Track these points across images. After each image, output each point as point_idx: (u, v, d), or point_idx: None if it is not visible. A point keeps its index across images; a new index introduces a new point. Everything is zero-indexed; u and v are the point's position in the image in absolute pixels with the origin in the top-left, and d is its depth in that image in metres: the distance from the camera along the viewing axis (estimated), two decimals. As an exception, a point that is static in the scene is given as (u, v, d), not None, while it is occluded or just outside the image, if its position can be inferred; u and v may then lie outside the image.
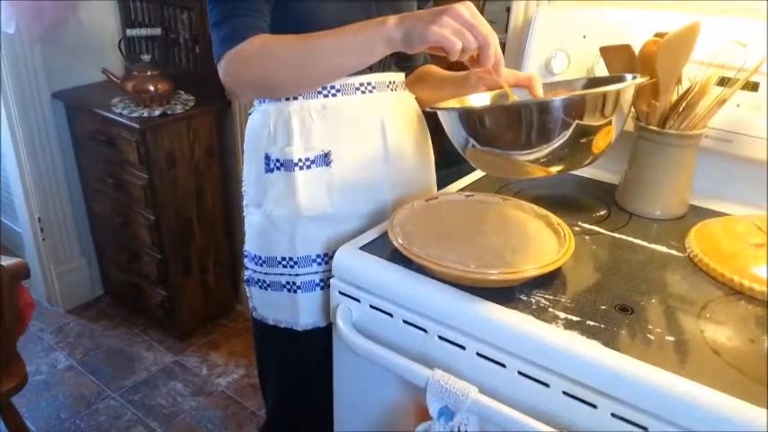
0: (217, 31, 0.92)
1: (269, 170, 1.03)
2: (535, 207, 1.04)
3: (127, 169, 2.07)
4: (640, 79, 0.92)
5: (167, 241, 2.12)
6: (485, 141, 0.89)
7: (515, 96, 0.96)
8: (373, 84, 1.04)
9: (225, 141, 2.22)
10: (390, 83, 1.07)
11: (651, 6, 1.20)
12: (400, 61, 1.11)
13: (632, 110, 1.10)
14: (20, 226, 2.40)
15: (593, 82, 1.02)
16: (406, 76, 1.15)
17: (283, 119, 1.02)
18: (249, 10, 0.91)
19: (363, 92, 1.03)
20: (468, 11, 0.81)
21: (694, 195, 1.14)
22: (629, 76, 0.96)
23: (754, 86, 1.10)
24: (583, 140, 0.85)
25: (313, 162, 1.02)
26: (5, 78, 2.10)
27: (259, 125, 1.05)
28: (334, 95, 1.02)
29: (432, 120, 1.06)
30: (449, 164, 1.38)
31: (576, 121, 0.82)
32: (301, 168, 1.01)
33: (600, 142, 0.87)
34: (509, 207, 1.05)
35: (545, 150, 0.84)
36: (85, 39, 2.22)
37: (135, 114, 1.98)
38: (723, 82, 1.08)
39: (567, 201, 1.18)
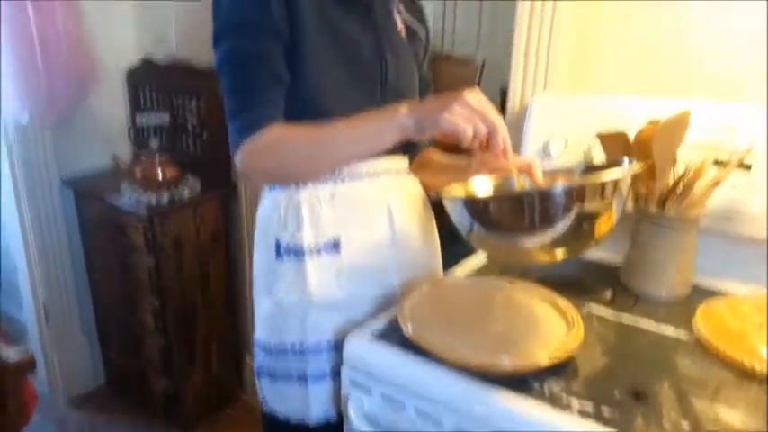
0: (233, 122, 0.97)
1: (279, 257, 1.05)
2: (542, 290, 1.05)
3: (133, 254, 2.09)
4: (637, 166, 0.95)
5: (172, 327, 2.11)
6: (489, 229, 0.91)
7: (522, 180, 0.99)
8: (380, 170, 1.08)
9: (230, 226, 2.25)
10: (395, 168, 1.11)
11: (642, 94, 1.26)
12: (405, 147, 1.15)
13: (631, 192, 1.13)
14: (24, 312, 2.39)
15: (591, 168, 1.06)
16: (410, 162, 1.19)
17: (293, 206, 1.04)
18: (264, 101, 0.95)
19: (370, 178, 1.07)
20: (477, 98, 0.85)
21: (697, 274, 1.15)
22: (625, 162, 1.00)
23: (747, 167, 1.14)
24: (585, 226, 0.87)
25: (322, 249, 1.04)
26: (16, 165, 2.15)
27: (269, 212, 1.08)
28: (342, 182, 1.05)
29: (437, 201, 1.09)
30: (456, 238, 1.40)
31: (578, 208, 0.84)
32: (311, 255, 1.03)
33: (602, 227, 0.89)
34: (516, 290, 1.07)
35: (549, 236, 0.86)
36: (95, 125, 2.29)
37: (143, 200, 2.02)
38: (717, 163, 1.11)
39: (572, 282, 1.19)
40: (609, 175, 0.88)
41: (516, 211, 0.87)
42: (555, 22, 1.36)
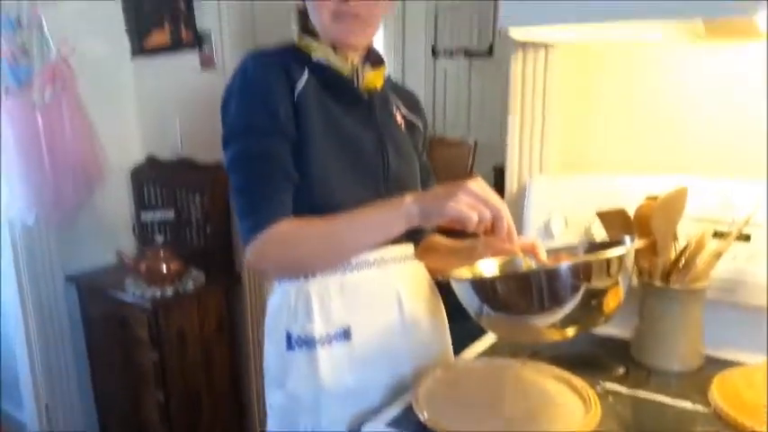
0: (244, 220, 0.99)
1: (291, 348, 1.05)
2: (555, 369, 1.05)
3: (138, 348, 2.08)
4: (639, 241, 0.97)
5: (176, 420, 2.07)
6: (498, 309, 0.92)
7: (528, 261, 1.01)
8: (387, 257, 1.10)
9: (235, 316, 2.25)
10: (403, 256, 1.13)
11: (639, 171, 1.30)
12: (410, 233, 1.17)
13: (635, 267, 1.15)
14: (24, 412, 2.34)
15: (594, 245, 1.08)
16: (415, 247, 1.21)
17: (303, 297, 1.05)
18: (273, 198, 0.98)
19: (378, 266, 1.08)
20: (480, 186, 0.88)
21: (708, 345, 1.15)
22: (626, 240, 1.02)
23: (746, 237, 1.16)
24: (594, 302, 0.88)
25: (333, 338, 1.04)
26: (21, 262, 2.17)
27: (279, 304, 1.09)
28: (350, 271, 1.06)
29: (444, 283, 1.10)
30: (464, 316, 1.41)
31: (585, 285, 0.86)
32: (323, 345, 1.03)
33: (610, 303, 0.90)
34: (529, 371, 1.06)
35: (559, 314, 0.87)
36: (100, 223, 2.33)
37: (148, 294, 2.03)
38: (717, 235, 1.14)
39: (584, 360, 1.19)
40: (613, 252, 0.90)
41: (524, 291, 0.88)
42: (547, 104, 1.42)
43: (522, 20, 1.06)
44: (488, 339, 1.29)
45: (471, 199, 0.88)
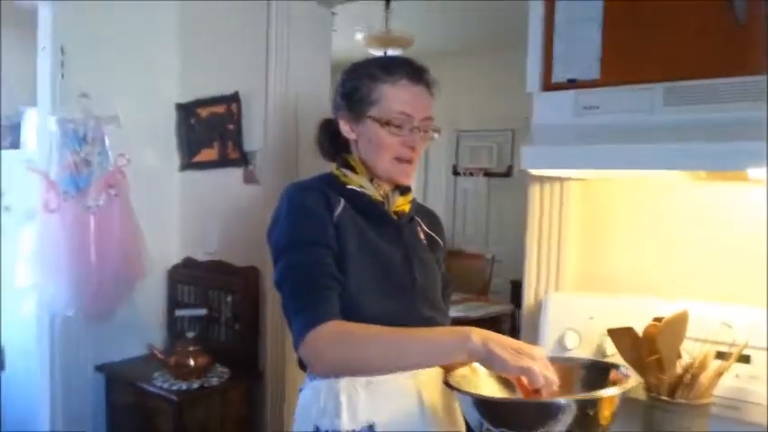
0: (297, 319, 1.10)
1: (319, 443, 1.14)
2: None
3: (160, 442, 2.13)
4: (632, 381, 1.04)
5: None
6: (496, 423, 0.98)
7: None
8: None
9: (256, 412, 2.31)
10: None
11: (647, 294, 1.42)
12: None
13: (642, 381, 1.24)
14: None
15: (596, 363, 1.18)
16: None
17: (333, 394, 1.15)
18: (325, 298, 1.11)
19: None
20: (542, 354, 1.00)
21: (715, 464, 1.22)
22: (622, 369, 1.09)
23: (747, 359, 1.25)
24: (591, 413, 0.95)
25: (360, 433, 1.13)
26: (55, 351, 2.28)
27: (309, 401, 1.19)
28: (377, 372, 1.16)
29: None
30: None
31: (576, 417, 0.93)
32: (349, 440, 1.12)
33: (605, 412, 0.97)
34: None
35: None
36: (135, 316, 2.44)
37: (174, 387, 2.11)
38: (720, 356, 1.23)
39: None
40: (605, 392, 0.99)
41: (521, 414, 0.97)
42: (562, 229, 1.57)
43: (541, 164, 1.23)
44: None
45: (542, 363, 0.98)
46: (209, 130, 2.49)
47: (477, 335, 1.02)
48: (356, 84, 1.24)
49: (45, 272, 2.19)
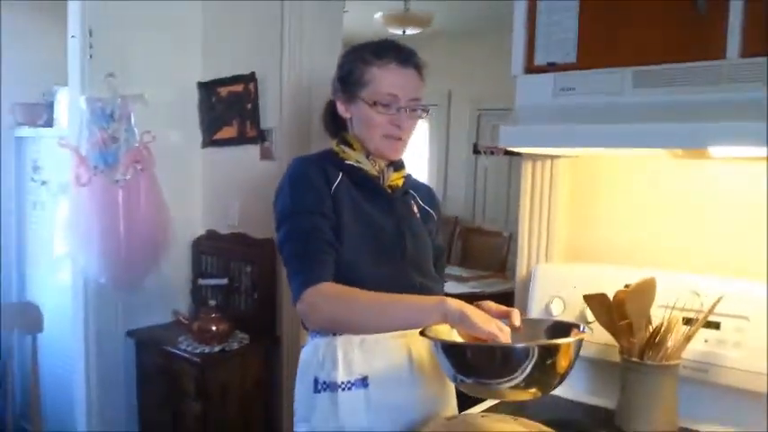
0: (295, 279, 1.23)
1: (317, 391, 1.27)
2: (542, 426, 1.23)
3: (184, 401, 2.30)
4: (585, 334, 1.14)
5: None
6: (467, 372, 1.11)
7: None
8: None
9: (272, 374, 2.47)
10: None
11: (622, 264, 1.51)
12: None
13: (617, 345, 1.34)
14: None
15: (559, 323, 1.28)
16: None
17: (331, 349, 1.28)
18: (320, 261, 1.23)
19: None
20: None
21: (687, 418, 1.31)
22: (582, 327, 1.18)
23: (717, 326, 1.35)
24: (544, 373, 1.06)
25: (353, 384, 1.26)
26: (90, 318, 2.46)
27: (310, 355, 1.32)
28: (372, 331, 1.29)
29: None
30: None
31: (535, 362, 1.03)
32: (344, 390, 1.25)
33: (562, 362, 1.08)
34: (519, 426, 1.25)
35: (515, 381, 1.05)
36: (162, 285, 2.61)
37: (197, 351, 2.28)
38: (689, 322, 1.33)
39: (573, 424, 1.36)
40: (557, 341, 1.09)
41: (487, 361, 1.08)
42: (552, 204, 1.66)
43: (518, 143, 1.33)
44: (490, 401, 1.47)
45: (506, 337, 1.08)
46: (228, 109, 2.62)
47: (453, 301, 1.13)
48: (350, 67, 1.35)
49: (78, 242, 2.36)
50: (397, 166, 1.42)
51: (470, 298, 1.47)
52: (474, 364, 1.09)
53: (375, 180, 1.37)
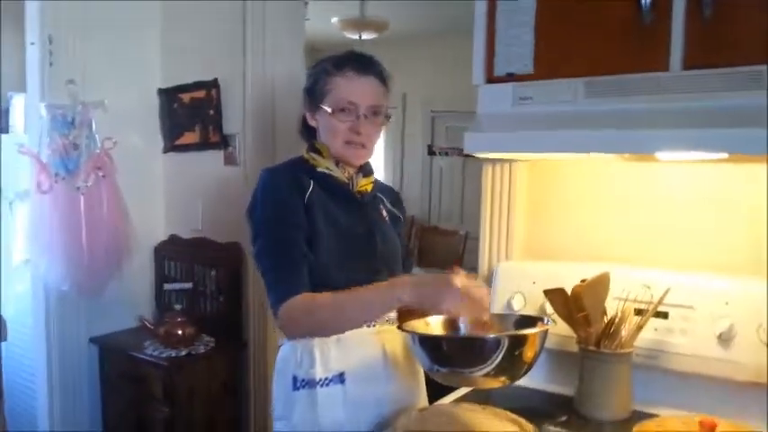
0: (273, 293, 1.29)
1: (296, 388, 1.33)
2: (509, 413, 1.31)
3: (151, 403, 2.32)
4: (547, 327, 1.24)
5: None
6: (442, 362, 1.19)
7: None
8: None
9: (239, 378, 2.49)
10: (387, 319, 1.42)
11: (578, 261, 1.61)
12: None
13: (575, 336, 1.44)
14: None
15: (525, 319, 1.36)
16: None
17: (308, 349, 1.33)
18: (294, 275, 1.29)
19: (368, 326, 1.37)
20: (463, 282, 1.15)
21: (637, 402, 1.42)
22: (545, 320, 1.29)
23: (665, 315, 1.46)
24: (513, 361, 1.15)
25: (331, 380, 1.31)
26: (51, 324, 2.44)
27: (288, 355, 1.37)
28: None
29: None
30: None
31: (505, 351, 1.12)
32: (322, 386, 1.31)
33: (529, 352, 1.17)
34: (487, 414, 1.33)
35: (486, 369, 1.14)
36: (124, 291, 2.60)
37: (164, 354, 2.29)
38: (640, 313, 1.43)
39: (535, 409, 1.44)
40: (525, 331, 1.19)
41: (460, 349, 1.18)
42: (511, 206, 1.75)
43: (481, 148, 1.42)
44: (459, 392, 1.55)
45: (459, 298, 1.14)
46: (190, 115, 2.63)
47: (401, 284, 1.18)
48: (315, 78, 1.42)
49: (39, 249, 2.35)
50: (366, 171, 1.48)
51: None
52: (449, 355, 1.17)
53: (345, 186, 1.43)
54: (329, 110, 1.39)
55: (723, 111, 1.16)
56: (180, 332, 2.35)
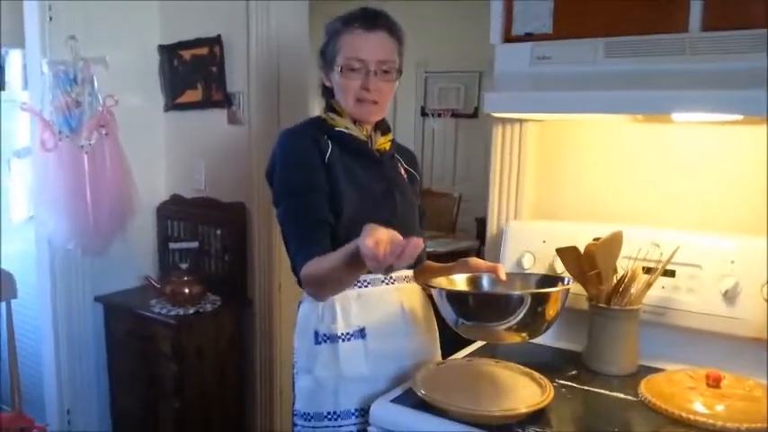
0: (296, 258, 1.32)
1: (318, 343, 1.36)
2: (521, 367, 1.36)
3: (159, 361, 2.35)
4: (570, 285, 1.30)
5: (188, 428, 2.33)
6: (467, 316, 1.23)
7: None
8: (393, 277, 1.42)
9: (245, 336, 2.53)
10: (405, 277, 1.45)
11: (586, 221, 1.65)
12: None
13: (585, 293, 1.48)
14: (47, 416, 2.58)
15: (546, 278, 1.41)
16: (414, 271, 1.52)
17: (329, 304, 1.37)
18: (314, 241, 1.31)
19: (387, 283, 1.41)
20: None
21: (644, 357, 1.47)
22: (566, 280, 1.34)
23: (672, 273, 1.50)
24: (536, 317, 1.20)
25: (352, 335, 1.35)
26: (57, 283, 2.45)
27: (309, 310, 1.40)
28: (366, 286, 1.38)
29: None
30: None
31: (529, 308, 1.17)
32: (343, 341, 1.34)
33: (551, 311, 1.22)
34: (500, 367, 1.38)
35: (513, 321, 1.18)
36: (128, 251, 2.60)
37: (172, 313, 2.32)
38: (649, 271, 1.47)
39: (546, 364, 1.49)
40: (548, 289, 1.25)
41: (486, 304, 1.22)
42: (521, 165, 1.77)
43: (500, 108, 1.43)
44: (472, 347, 1.60)
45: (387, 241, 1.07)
46: (192, 72, 2.60)
47: (362, 243, 1.06)
48: (327, 40, 1.42)
49: (45, 208, 2.34)
50: (384, 129, 1.49)
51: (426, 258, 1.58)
52: (474, 310, 1.21)
53: (364, 145, 1.44)
54: (340, 68, 1.38)
55: (742, 72, 1.19)
56: (187, 291, 2.37)
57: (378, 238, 1.04)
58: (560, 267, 1.56)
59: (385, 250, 1.03)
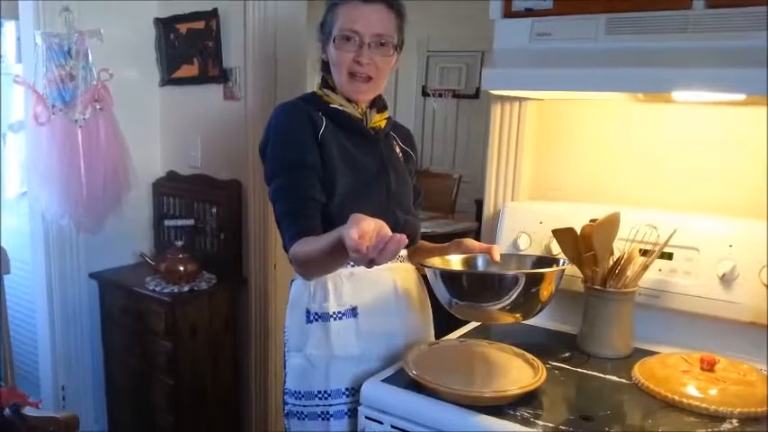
0: (285, 235, 1.30)
1: (309, 321, 1.35)
2: (514, 348, 1.35)
3: (152, 339, 2.34)
4: (566, 266, 1.28)
5: (182, 406, 2.33)
6: (461, 296, 1.21)
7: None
8: (387, 257, 1.40)
9: (240, 314, 2.52)
10: (399, 256, 1.43)
11: (583, 202, 1.63)
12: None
13: (581, 275, 1.46)
14: (42, 393, 2.58)
15: (541, 259, 1.40)
16: (408, 251, 1.50)
17: (321, 283, 1.35)
18: (304, 218, 1.29)
19: (379, 263, 1.38)
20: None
21: (638, 340, 1.46)
22: (561, 261, 1.33)
23: (669, 256, 1.48)
24: (530, 297, 1.18)
25: (344, 314, 1.34)
26: (52, 259, 2.44)
27: (301, 288, 1.38)
28: (358, 265, 1.36)
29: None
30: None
31: (522, 288, 1.15)
32: (335, 319, 1.33)
33: (545, 292, 1.20)
34: (493, 348, 1.36)
35: (507, 301, 1.16)
36: (123, 228, 2.58)
37: (166, 290, 2.30)
38: (645, 253, 1.45)
39: (539, 346, 1.48)
40: (544, 269, 1.23)
41: (480, 284, 1.21)
42: (519, 145, 1.75)
43: (499, 85, 1.40)
44: (466, 328, 1.59)
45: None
46: (188, 47, 2.56)
47: (346, 232, 1.02)
48: (325, 13, 1.39)
49: (38, 183, 2.31)
50: (380, 107, 1.46)
51: (423, 238, 1.57)
52: (468, 289, 1.19)
53: (358, 122, 1.41)
54: (333, 40, 1.35)
55: (745, 50, 1.16)
56: (181, 268, 2.36)
57: (363, 229, 1.00)
58: (556, 248, 1.55)
59: (369, 244, 0.99)
